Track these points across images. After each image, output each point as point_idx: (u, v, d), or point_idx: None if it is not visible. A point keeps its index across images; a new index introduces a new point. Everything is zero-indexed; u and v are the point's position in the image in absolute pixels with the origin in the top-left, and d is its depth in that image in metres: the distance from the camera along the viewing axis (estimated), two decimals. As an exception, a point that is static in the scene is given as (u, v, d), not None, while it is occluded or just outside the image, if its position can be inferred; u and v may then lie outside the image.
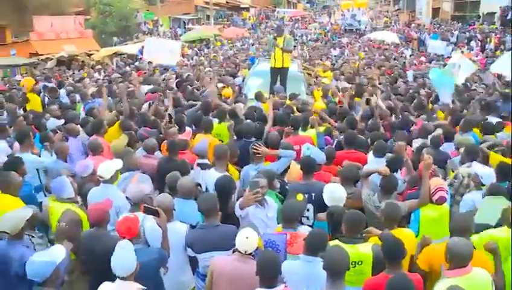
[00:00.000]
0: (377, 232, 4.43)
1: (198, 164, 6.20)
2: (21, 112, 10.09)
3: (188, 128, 7.74)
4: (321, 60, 20.18)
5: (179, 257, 4.65)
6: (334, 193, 4.93)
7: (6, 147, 7.54)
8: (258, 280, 3.69)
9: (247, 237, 3.99)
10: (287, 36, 11.83)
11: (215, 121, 7.87)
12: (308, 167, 5.59)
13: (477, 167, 5.79)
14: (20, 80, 16.11)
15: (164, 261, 4.36)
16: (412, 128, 7.98)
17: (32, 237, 4.66)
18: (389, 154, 6.15)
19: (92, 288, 4.54)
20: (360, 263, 4.13)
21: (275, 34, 12.05)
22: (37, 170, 6.53)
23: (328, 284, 3.62)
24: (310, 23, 47.77)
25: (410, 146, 7.07)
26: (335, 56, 23.46)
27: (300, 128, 7.33)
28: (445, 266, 3.85)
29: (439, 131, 7.27)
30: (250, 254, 4.01)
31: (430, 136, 7.04)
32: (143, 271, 3.87)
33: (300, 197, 4.87)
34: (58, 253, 3.85)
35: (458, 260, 3.75)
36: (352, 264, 4.01)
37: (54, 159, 6.68)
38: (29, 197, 5.75)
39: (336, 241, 4.20)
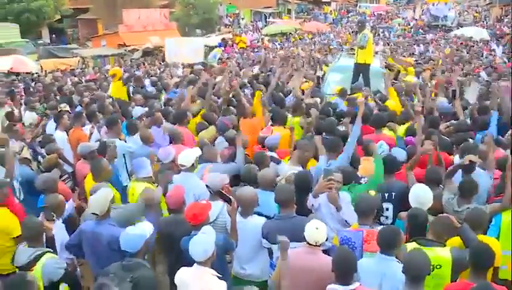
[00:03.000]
0: (456, 223, 4.23)
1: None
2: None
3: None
4: (404, 56, 19.47)
5: (255, 250, 4.71)
6: (421, 195, 4.70)
7: (96, 133, 7.99)
8: (328, 271, 3.68)
9: (316, 228, 3.97)
10: (364, 32, 11.55)
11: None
12: (390, 165, 5.46)
13: None
14: (109, 69, 16.96)
15: (229, 248, 4.43)
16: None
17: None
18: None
19: (170, 271, 4.74)
20: (438, 266, 3.97)
21: (357, 29, 11.79)
22: (124, 155, 6.86)
23: (407, 289, 3.51)
24: (392, 19, 46.36)
25: None
26: (420, 53, 22.59)
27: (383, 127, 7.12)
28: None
29: None
30: (319, 245, 3.99)
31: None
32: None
33: (372, 192, 4.73)
34: (147, 228, 4.10)
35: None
36: (430, 267, 3.85)
37: (140, 145, 6.96)
38: (115, 180, 6.05)
39: (414, 244, 4.07)
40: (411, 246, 4.03)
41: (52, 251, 4.33)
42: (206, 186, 5.05)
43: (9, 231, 4.65)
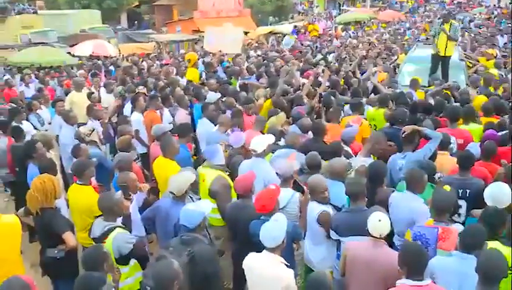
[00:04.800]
0: None
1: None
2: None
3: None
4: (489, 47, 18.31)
5: (314, 236, 4.70)
6: (498, 193, 4.45)
7: (169, 116, 8.24)
8: (393, 264, 3.60)
9: (379, 220, 3.89)
10: (454, 22, 11.03)
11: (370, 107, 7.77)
12: (466, 161, 5.21)
13: None
14: (183, 54, 17.38)
15: (296, 237, 4.44)
16: None
17: (193, 199, 5.05)
18: None
19: (235, 256, 4.82)
20: (514, 270, 3.76)
21: (442, 19, 11.26)
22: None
23: (480, 288, 3.36)
24: (473, 7, 43.91)
25: None
26: (504, 44, 21.23)
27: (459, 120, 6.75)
28: None
29: None
30: (383, 238, 3.92)
31: None
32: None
33: (448, 187, 4.54)
34: (206, 206, 4.26)
35: None
36: (509, 269, 3.63)
37: (215, 130, 7.07)
38: (186, 160, 6.20)
39: (497, 243, 3.86)
40: (494, 245, 3.82)
41: (123, 226, 4.55)
42: (276, 173, 5.06)
43: (93, 209, 4.92)
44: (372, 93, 8.86)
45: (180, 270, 3.44)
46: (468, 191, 5.08)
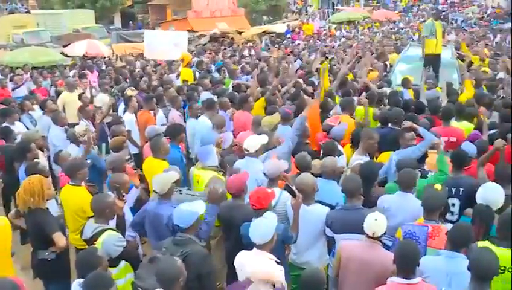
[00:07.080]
0: None
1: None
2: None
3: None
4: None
5: (315, 238, 4.68)
6: (491, 194, 4.42)
7: (163, 116, 8.21)
8: (386, 265, 3.63)
9: (375, 219, 3.89)
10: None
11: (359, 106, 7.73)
12: (459, 160, 5.22)
13: None
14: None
15: (286, 240, 4.41)
16: None
17: (181, 191, 5.08)
18: None
19: (228, 255, 4.80)
20: (510, 269, 3.75)
21: (433, 18, 11.34)
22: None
23: (472, 287, 3.36)
24: (466, 7, 44.00)
25: None
26: (496, 43, 21.33)
27: (453, 119, 6.78)
28: None
29: None
30: (378, 238, 3.93)
31: None
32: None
33: (438, 187, 4.53)
34: (200, 206, 4.24)
35: None
36: (500, 269, 3.61)
37: (209, 129, 7.00)
38: (178, 161, 6.17)
39: (487, 243, 3.86)
40: (483, 245, 3.82)
41: (114, 228, 4.52)
42: (264, 173, 5.04)
43: (85, 210, 4.91)
44: (364, 92, 8.85)
45: (183, 268, 3.45)
46: (461, 189, 5.08)
